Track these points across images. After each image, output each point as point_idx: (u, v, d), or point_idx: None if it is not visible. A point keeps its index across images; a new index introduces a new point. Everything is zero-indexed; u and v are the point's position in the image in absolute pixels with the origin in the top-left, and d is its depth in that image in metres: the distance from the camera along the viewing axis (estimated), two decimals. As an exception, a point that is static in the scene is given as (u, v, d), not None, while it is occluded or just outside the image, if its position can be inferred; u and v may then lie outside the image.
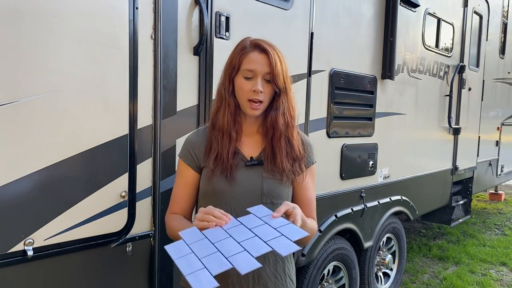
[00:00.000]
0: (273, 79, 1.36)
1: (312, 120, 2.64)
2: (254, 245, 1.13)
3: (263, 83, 1.36)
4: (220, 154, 1.39)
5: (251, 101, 1.36)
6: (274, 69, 1.35)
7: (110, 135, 1.65)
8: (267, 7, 2.26)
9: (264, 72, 1.35)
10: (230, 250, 1.12)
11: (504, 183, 8.12)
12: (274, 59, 1.36)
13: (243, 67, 1.37)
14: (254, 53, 1.37)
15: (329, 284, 3.00)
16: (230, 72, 1.40)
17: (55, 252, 1.53)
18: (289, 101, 1.42)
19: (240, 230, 1.19)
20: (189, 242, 1.18)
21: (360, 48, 3.01)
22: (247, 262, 1.08)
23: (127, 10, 1.66)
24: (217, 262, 1.09)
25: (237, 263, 1.08)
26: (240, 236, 1.16)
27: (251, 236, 1.17)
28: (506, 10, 5.90)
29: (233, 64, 1.39)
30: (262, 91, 1.35)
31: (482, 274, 4.52)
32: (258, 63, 1.35)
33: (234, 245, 1.13)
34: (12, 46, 1.38)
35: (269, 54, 1.36)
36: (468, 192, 5.19)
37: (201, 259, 1.11)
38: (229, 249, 1.12)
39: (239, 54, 1.39)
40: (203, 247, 1.14)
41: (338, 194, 2.89)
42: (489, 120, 5.55)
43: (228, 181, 1.38)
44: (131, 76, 1.69)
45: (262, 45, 1.38)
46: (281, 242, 1.13)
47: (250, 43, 1.39)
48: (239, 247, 1.13)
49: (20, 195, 1.43)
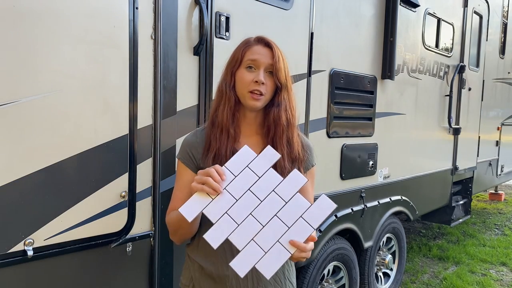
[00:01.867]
0: (275, 72, 1.35)
1: (312, 120, 2.64)
2: (287, 235, 1.15)
3: (265, 76, 1.35)
4: (219, 152, 1.37)
5: (252, 92, 1.35)
6: (277, 62, 1.35)
7: (110, 135, 1.65)
8: (267, 7, 2.26)
9: (266, 63, 1.35)
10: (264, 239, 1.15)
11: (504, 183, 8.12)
12: (277, 53, 1.36)
13: (245, 59, 1.36)
14: (258, 46, 1.38)
15: (329, 284, 3.00)
16: (232, 66, 1.39)
17: (55, 252, 1.53)
18: (291, 99, 1.42)
19: (253, 204, 1.18)
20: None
21: (360, 48, 3.01)
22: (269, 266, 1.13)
23: (127, 10, 1.66)
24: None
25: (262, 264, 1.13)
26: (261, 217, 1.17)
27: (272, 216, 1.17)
28: (506, 10, 5.90)
29: (236, 57, 1.39)
30: (264, 83, 1.34)
31: (482, 274, 4.52)
32: (261, 54, 1.36)
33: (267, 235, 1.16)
34: (12, 46, 1.38)
35: (273, 48, 1.37)
36: (468, 192, 5.19)
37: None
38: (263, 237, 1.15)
39: (243, 47, 1.39)
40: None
41: (338, 194, 2.89)
42: (489, 120, 5.55)
43: None
44: (131, 76, 1.69)
45: (266, 40, 1.39)
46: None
47: (254, 38, 1.40)
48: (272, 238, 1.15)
49: (20, 195, 1.43)
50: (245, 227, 1.16)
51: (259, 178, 1.20)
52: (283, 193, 1.20)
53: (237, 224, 1.16)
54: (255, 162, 1.22)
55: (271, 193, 1.19)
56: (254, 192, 1.19)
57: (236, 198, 1.18)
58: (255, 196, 1.19)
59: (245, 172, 1.21)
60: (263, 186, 1.20)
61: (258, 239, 1.15)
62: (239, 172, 1.21)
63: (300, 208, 1.19)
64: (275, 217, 1.18)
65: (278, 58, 1.35)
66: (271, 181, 1.20)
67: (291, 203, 1.19)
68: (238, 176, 1.21)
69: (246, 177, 1.20)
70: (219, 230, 1.15)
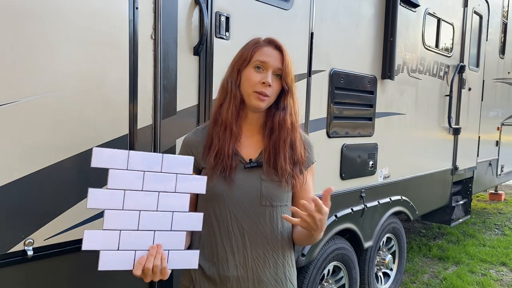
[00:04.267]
0: (284, 77, 1.35)
1: (312, 120, 2.64)
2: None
3: (272, 78, 1.35)
4: (221, 150, 1.37)
5: (258, 92, 1.34)
6: (286, 66, 1.35)
7: (110, 135, 1.65)
8: (267, 7, 2.26)
9: (275, 66, 1.35)
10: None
11: (504, 183, 8.13)
12: (287, 57, 1.36)
13: (254, 59, 1.35)
14: (268, 47, 1.37)
15: (329, 284, 3.00)
16: (239, 64, 1.38)
17: (55, 252, 1.53)
18: (295, 103, 1.42)
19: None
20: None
21: (360, 48, 3.01)
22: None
23: (127, 10, 1.66)
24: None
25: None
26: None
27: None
28: (506, 10, 5.90)
29: (244, 56, 1.37)
30: (271, 85, 1.34)
31: (482, 274, 4.52)
32: (271, 57, 1.35)
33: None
34: (12, 46, 1.38)
35: (283, 52, 1.37)
36: (468, 192, 5.19)
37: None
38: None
39: (252, 47, 1.37)
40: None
41: (338, 194, 2.89)
42: (489, 120, 5.55)
43: (227, 183, 1.36)
44: (131, 76, 1.69)
45: (277, 42, 1.39)
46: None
47: (264, 39, 1.40)
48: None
49: (20, 195, 1.43)
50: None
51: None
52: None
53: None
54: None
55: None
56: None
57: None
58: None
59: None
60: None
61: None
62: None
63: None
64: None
65: (287, 63, 1.36)
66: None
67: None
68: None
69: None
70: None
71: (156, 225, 1.23)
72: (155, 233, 1.23)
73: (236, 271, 1.39)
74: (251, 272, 1.39)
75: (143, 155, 1.22)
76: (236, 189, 1.37)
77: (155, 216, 1.23)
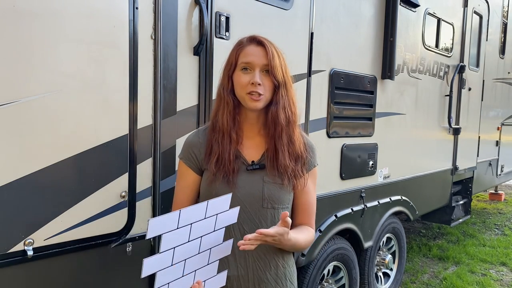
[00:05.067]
0: (271, 71, 1.33)
1: (312, 120, 2.64)
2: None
3: (262, 76, 1.34)
4: (221, 157, 1.36)
5: (250, 93, 1.33)
6: (271, 60, 1.33)
7: (110, 135, 1.65)
8: (267, 7, 2.26)
9: (261, 63, 1.33)
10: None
11: (504, 183, 8.12)
12: (271, 51, 1.34)
13: (240, 61, 1.35)
14: (250, 46, 1.36)
15: (329, 284, 3.00)
16: (228, 69, 1.38)
17: (55, 252, 1.53)
18: (290, 95, 1.39)
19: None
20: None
21: (360, 48, 3.01)
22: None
23: (127, 10, 1.66)
24: None
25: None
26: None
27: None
28: (506, 10, 5.90)
29: (231, 61, 1.38)
30: (260, 84, 1.32)
31: (482, 274, 4.52)
32: (255, 55, 1.34)
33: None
34: (12, 46, 1.38)
35: (266, 46, 1.34)
36: (468, 192, 5.18)
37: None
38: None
39: (236, 50, 1.37)
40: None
41: (338, 194, 2.89)
42: (489, 120, 5.55)
43: (230, 187, 1.35)
44: (131, 76, 1.69)
45: (258, 38, 1.37)
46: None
47: (247, 39, 1.39)
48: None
49: (20, 195, 1.42)
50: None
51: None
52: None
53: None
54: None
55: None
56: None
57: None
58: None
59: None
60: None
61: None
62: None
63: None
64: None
65: (272, 56, 1.33)
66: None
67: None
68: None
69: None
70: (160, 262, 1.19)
71: (197, 265, 1.26)
72: (195, 272, 1.26)
73: (236, 271, 1.39)
74: (251, 273, 1.39)
75: (192, 209, 1.19)
76: (239, 191, 1.37)
77: (197, 258, 1.25)
